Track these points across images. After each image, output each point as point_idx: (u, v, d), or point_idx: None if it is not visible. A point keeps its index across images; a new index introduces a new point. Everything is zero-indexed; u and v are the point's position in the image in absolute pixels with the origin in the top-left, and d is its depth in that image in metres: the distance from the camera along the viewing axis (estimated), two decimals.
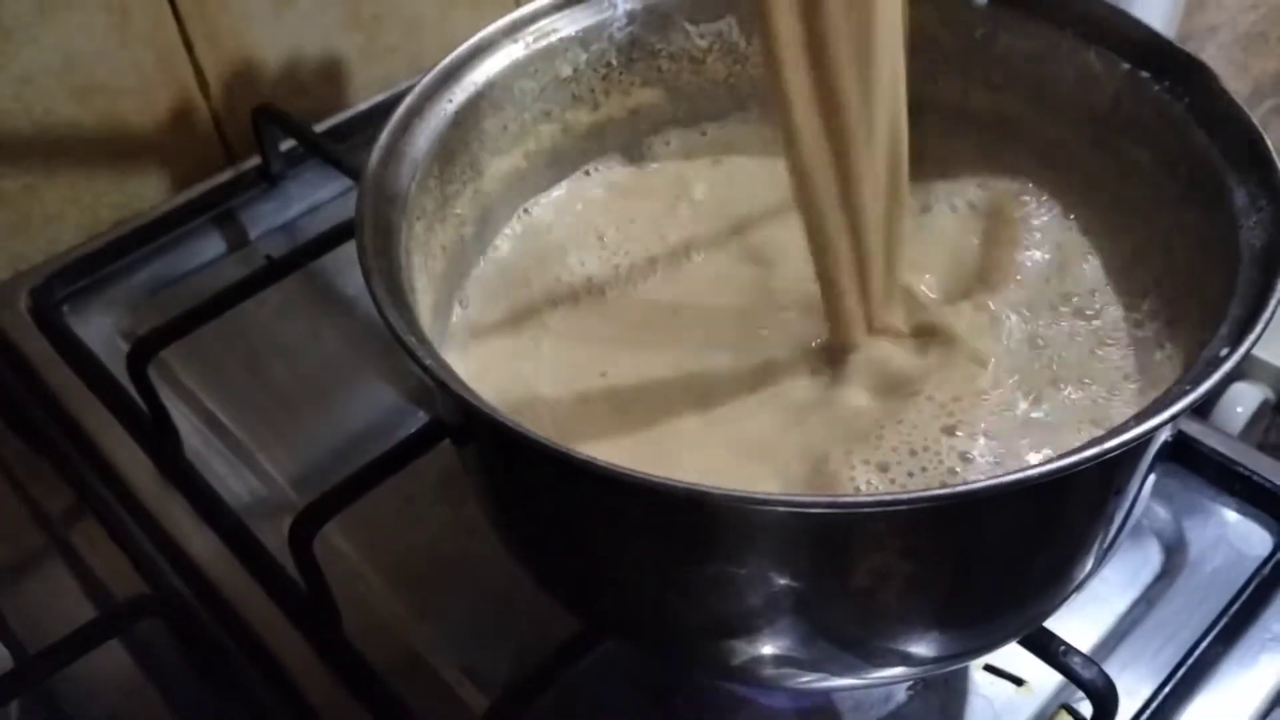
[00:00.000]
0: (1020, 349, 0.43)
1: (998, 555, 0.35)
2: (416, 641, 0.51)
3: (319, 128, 0.75)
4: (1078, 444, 0.30)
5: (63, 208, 0.72)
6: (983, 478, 0.30)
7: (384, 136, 0.41)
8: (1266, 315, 0.33)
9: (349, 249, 0.63)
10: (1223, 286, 0.36)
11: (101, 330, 0.66)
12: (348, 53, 0.80)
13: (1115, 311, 0.44)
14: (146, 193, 0.74)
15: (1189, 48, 1.10)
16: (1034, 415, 0.40)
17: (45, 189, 0.70)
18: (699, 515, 0.32)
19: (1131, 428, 0.30)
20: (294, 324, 0.67)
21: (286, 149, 0.73)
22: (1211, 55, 1.05)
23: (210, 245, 0.72)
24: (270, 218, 0.74)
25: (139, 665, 0.51)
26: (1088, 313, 0.44)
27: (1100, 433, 0.31)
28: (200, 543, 0.55)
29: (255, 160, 0.74)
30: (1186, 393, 0.31)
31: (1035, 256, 0.47)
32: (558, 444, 0.31)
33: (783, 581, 0.34)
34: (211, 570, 0.54)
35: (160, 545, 0.55)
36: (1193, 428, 0.56)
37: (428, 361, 0.33)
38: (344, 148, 0.72)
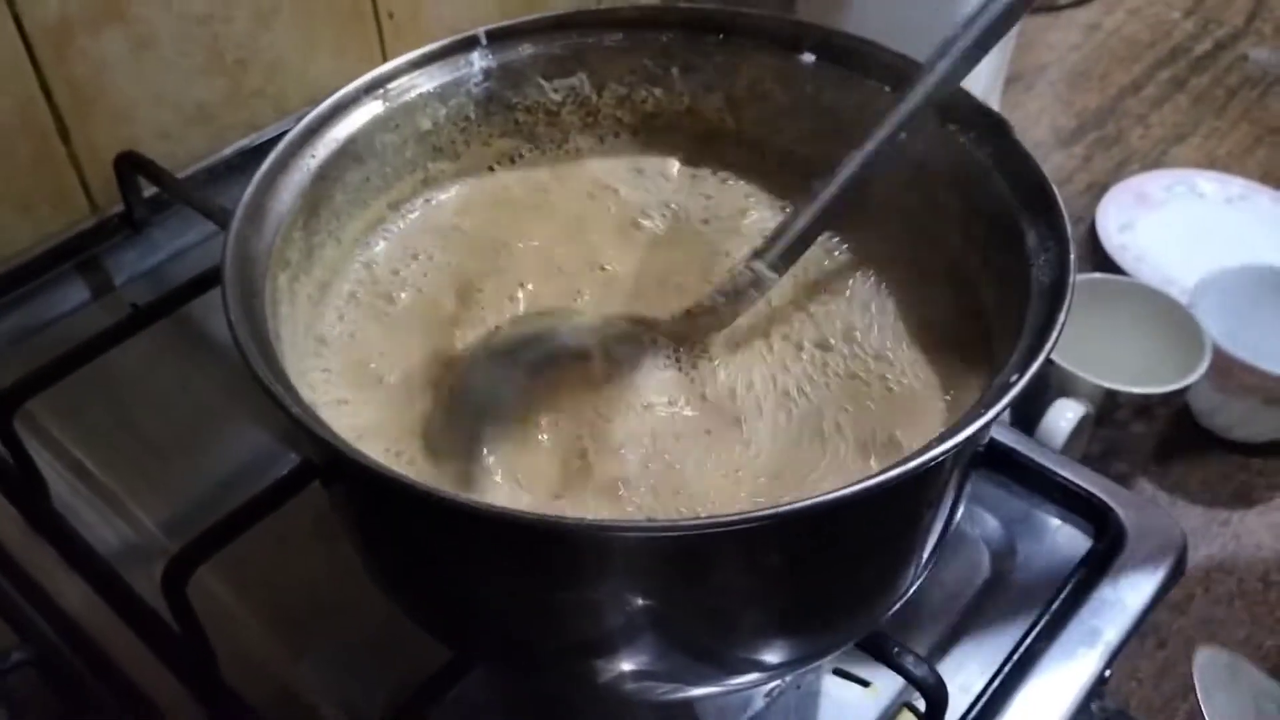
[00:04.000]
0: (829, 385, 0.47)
1: (825, 567, 0.38)
2: (294, 680, 0.53)
3: (183, 173, 0.76)
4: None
5: None
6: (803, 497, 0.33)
7: (248, 194, 0.43)
8: (1050, 344, 0.37)
9: (216, 294, 0.65)
10: (1016, 321, 0.40)
11: None
12: (211, 98, 0.80)
13: (914, 350, 0.48)
14: (4, 242, 0.74)
15: (1020, 85, 1.17)
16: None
17: None
18: (553, 543, 0.35)
19: (931, 449, 0.34)
20: (161, 370, 0.68)
21: (150, 195, 0.74)
22: (1041, 92, 1.13)
23: (73, 293, 0.72)
24: (134, 264, 0.74)
25: (12, 718, 0.51)
26: (891, 349, 0.48)
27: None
28: (71, 592, 0.55)
29: (118, 207, 0.74)
30: (980, 414, 0.35)
31: (843, 296, 0.51)
32: (420, 482, 0.33)
33: (636, 601, 0.37)
34: (84, 619, 0.54)
35: (30, 596, 0.55)
36: (1018, 442, 0.61)
37: (294, 410, 0.35)
38: (209, 193, 0.73)
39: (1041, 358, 0.36)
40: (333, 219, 0.48)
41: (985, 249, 0.46)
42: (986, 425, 0.34)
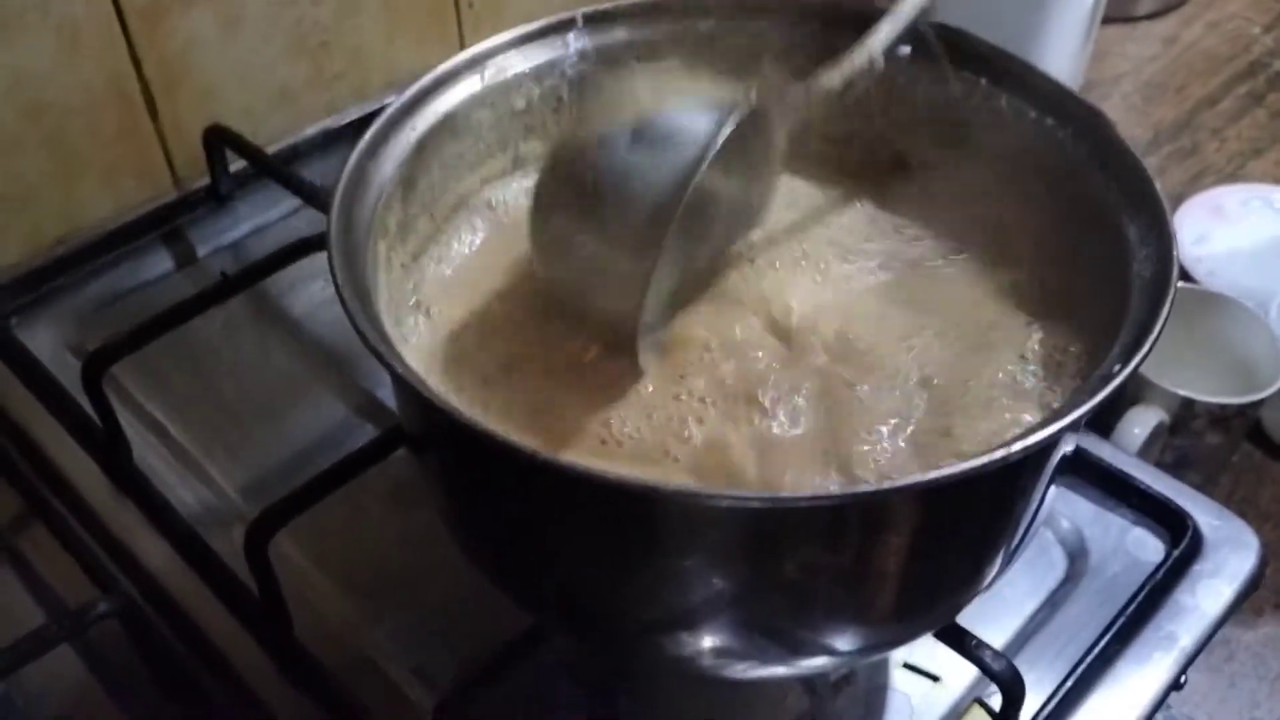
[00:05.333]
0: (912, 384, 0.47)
1: (915, 549, 0.38)
2: (366, 645, 0.53)
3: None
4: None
5: (6, 223, 0.72)
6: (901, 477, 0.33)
7: (353, 160, 0.44)
8: (1153, 337, 0.37)
9: (296, 270, 0.66)
10: (1113, 314, 0.40)
11: (47, 343, 0.67)
12: (294, 79, 0.82)
13: (1008, 345, 0.47)
14: (90, 211, 0.75)
15: (1095, 95, 1.16)
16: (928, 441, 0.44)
17: None
18: (651, 509, 0.35)
19: (1035, 432, 0.34)
20: (239, 342, 0.69)
21: (236, 170, 0.75)
22: (1115, 103, 1.12)
23: (157, 262, 0.74)
24: (218, 236, 0.75)
25: (91, 670, 0.52)
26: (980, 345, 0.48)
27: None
28: (152, 550, 0.56)
29: (201, 181, 0.76)
30: (1083, 403, 0.35)
31: (934, 294, 0.50)
32: (524, 444, 0.33)
33: (727, 573, 0.37)
34: (163, 576, 0.55)
35: (112, 552, 0.56)
36: (1094, 446, 0.60)
37: (400, 369, 0.36)
38: (293, 169, 0.74)
39: (1146, 349, 0.36)
40: (428, 191, 0.49)
41: (1078, 245, 0.46)
42: (1091, 410, 0.34)
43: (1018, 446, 0.33)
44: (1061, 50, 0.94)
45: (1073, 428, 0.35)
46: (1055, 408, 0.36)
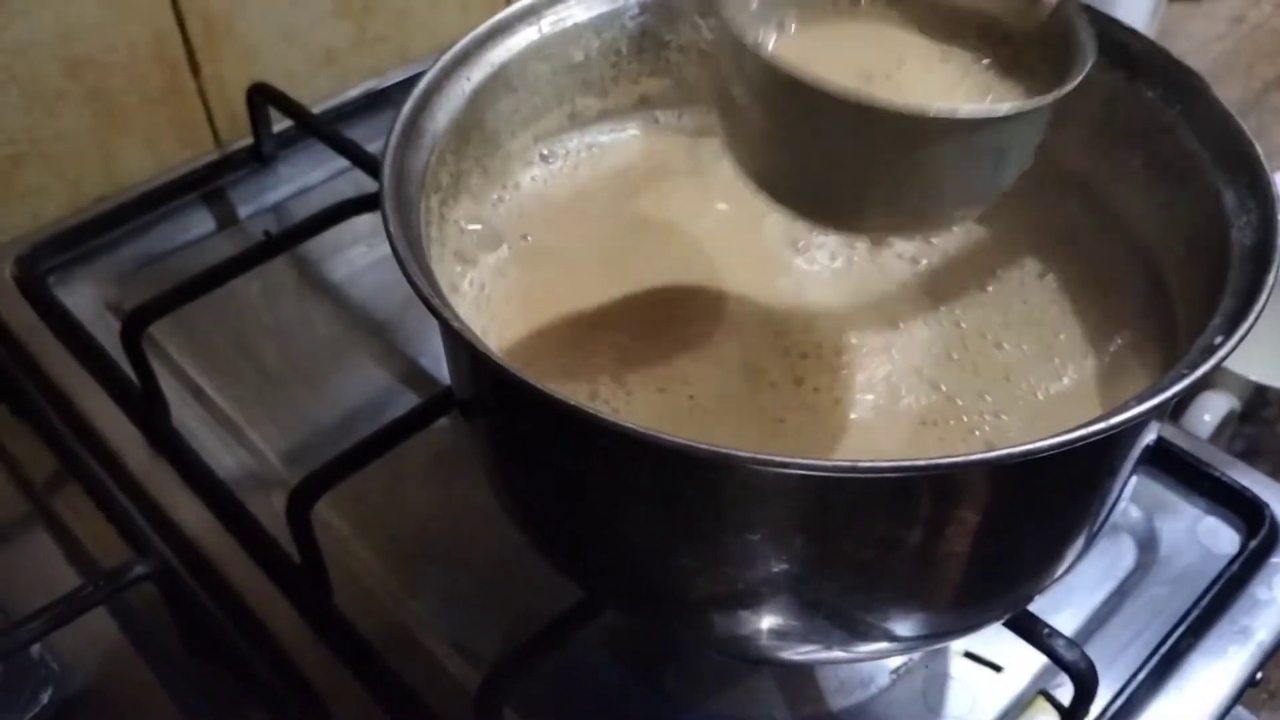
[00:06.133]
0: (989, 362, 0.44)
1: (1000, 528, 0.36)
2: (407, 617, 0.52)
3: None
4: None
5: (47, 180, 0.71)
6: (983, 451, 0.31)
7: (406, 111, 0.42)
8: (1259, 306, 0.34)
9: (337, 235, 0.65)
10: (1209, 284, 0.37)
11: (86, 301, 0.66)
12: (338, 41, 0.80)
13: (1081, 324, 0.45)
14: (130, 169, 0.74)
15: None
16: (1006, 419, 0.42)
17: (30, 160, 0.70)
18: (717, 476, 0.33)
19: (1135, 405, 0.31)
20: (280, 307, 0.68)
21: (279, 130, 0.74)
22: None
23: (198, 222, 0.72)
24: (260, 198, 0.74)
25: (126, 633, 0.51)
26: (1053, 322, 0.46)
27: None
28: (189, 513, 0.55)
29: (242, 141, 0.75)
30: (1184, 375, 0.33)
31: (1007, 267, 0.48)
32: (584, 405, 0.31)
33: (793, 547, 0.35)
34: (200, 539, 0.54)
35: (148, 514, 0.55)
36: (1165, 431, 0.58)
37: (455, 324, 0.34)
38: (338, 129, 0.72)
39: (1252, 318, 0.34)
40: (481, 146, 0.47)
41: (1168, 213, 0.43)
42: (1197, 379, 0.32)
43: (1123, 416, 0.31)
44: None
45: (1174, 398, 0.32)
46: (1151, 384, 0.34)
